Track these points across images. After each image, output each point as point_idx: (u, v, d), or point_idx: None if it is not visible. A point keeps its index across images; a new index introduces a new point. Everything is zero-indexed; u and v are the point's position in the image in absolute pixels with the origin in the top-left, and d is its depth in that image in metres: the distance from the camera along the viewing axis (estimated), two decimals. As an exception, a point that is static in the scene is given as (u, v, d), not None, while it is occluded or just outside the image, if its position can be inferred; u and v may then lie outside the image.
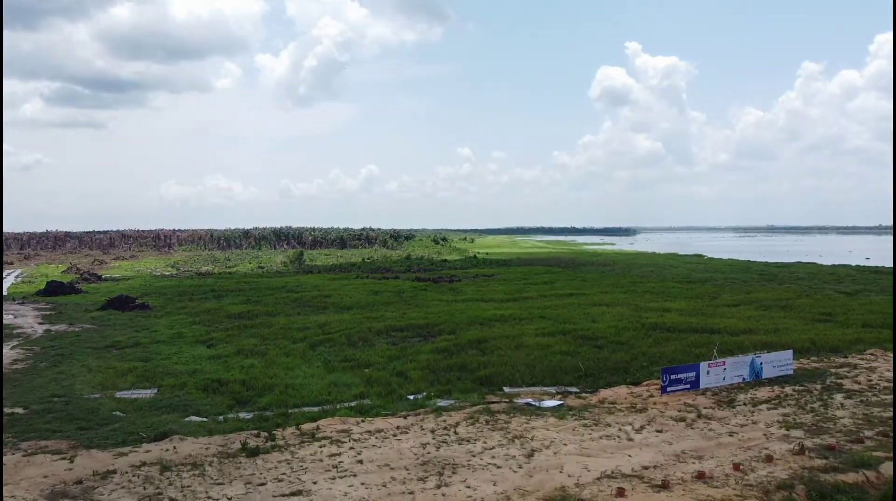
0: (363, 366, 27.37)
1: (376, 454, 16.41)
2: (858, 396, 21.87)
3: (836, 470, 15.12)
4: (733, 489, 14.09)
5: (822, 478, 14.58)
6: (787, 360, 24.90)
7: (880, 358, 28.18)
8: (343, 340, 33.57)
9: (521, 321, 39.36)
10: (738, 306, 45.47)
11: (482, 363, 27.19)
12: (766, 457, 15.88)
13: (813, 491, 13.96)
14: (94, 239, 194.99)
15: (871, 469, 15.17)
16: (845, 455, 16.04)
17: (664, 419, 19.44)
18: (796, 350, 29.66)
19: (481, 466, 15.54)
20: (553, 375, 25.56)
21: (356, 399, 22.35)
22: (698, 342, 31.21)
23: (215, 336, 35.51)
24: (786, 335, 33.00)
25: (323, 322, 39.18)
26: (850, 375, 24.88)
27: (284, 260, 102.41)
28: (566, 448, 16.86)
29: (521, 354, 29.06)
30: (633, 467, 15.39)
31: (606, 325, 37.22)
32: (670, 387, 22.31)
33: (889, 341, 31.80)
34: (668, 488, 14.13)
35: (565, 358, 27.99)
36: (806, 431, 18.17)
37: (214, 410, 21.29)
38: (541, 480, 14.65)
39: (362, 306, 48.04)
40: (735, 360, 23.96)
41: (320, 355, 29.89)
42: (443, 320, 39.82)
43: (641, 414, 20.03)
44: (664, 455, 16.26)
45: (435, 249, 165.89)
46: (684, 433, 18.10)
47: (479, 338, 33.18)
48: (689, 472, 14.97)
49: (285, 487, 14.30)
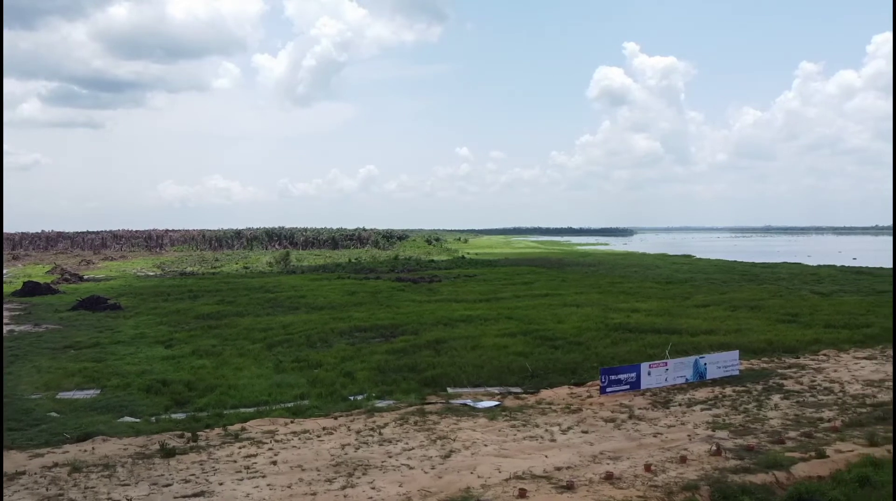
0: (313, 367, 27.33)
1: (293, 455, 16.38)
2: (796, 396, 21.86)
3: (747, 471, 15.10)
4: (638, 490, 14.07)
5: (730, 479, 14.56)
6: (733, 361, 24.88)
7: (832, 359, 28.18)
8: (302, 340, 33.53)
9: (486, 321, 39.31)
10: (708, 306, 45.45)
11: (433, 364, 27.14)
12: (680, 458, 15.86)
13: (717, 492, 13.94)
14: (87, 239, 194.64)
15: (782, 470, 15.18)
16: (762, 455, 16.02)
17: (594, 420, 19.42)
18: (752, 351, 29.79)
19: (394, 467, 15.51)
20: (501, 375, 25.53)
21: (295, 400, 22.32)
22: (656, 343, 31.14)
23: (177, 337, 35.47)
24: (745, 336, 33.00)
25: (288, 323, 39.13)
26: (796, 376, 24.87)
27: (270, 261, 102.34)
28: (486, 448, 16.83)
29: (475, 354, 29.02)
30: (545, 468, 15.36)
31: (570, 326, 37.21)
32: (610, 388, 22.28)
33: (845, 341, 31.83)
34: (573, 489, 14.10)
35: (518, 359, 27.93)
36: (732, 432, 18.15)
37: (151, 410, 21.24)
38: (449, 481, 14.62)
39: (334, 306, 47.99)
40: (678, 361, 23.94)
41: (275, 355, 29.84)
42: (410, 320, 39.80)
43: (574, 415, 20.01)
44: (582, 456, 16.23)
45: (426, 249, 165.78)
46: (609, 434, 18.07)
47: (439, 338, 33.15)
48: (600, 473, 14.94)
49: (190, 488, 14.26)
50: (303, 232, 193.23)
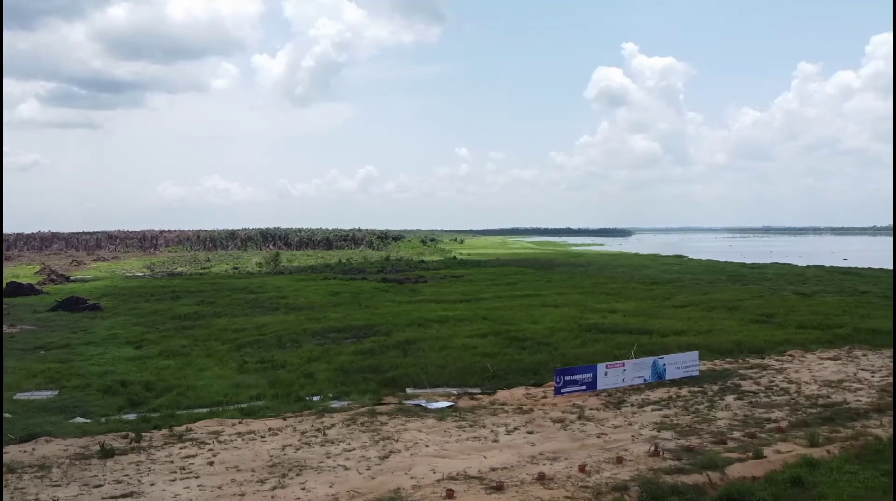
0: (277, 368, 27.33)
1: (233, 456, 16.38)
2: (751, 397, 21.85)
3: (682, 472, 15.11)
4: (567, 490, 14.08)
5: (662, 479, 14.56)
6: (693, 361, 24.88)
7: (796, 359, 28.19)
8: (273, 341, 33.55)
9: (461, 322, 39.32)
10: (686, 307, 45.47)
11: (396, 365, 27.13)
12: (617, 459, 15.87)
13: (646, 492, 13.94)
14: (81, 240, 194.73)
15: (716, 471, 15.18)
16: (700, 456, 16.03)
17: (543, 421, 19.42)
18: (719, 351, 29.83)
19: (330, 468, 15.51)
20: (462, 376, 25.49)
21: (251, 401, 22.30)
22: (625, 344, 31.07)
23: (148, 337, 35.49)
24: (714, 336, 33.02)
25: (262, 324, 39.15)
26: (755, 376, 24.88)
27: (260, 261, 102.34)
28: (427, 449, 16.83)
29: (441, 355, 29.01)
30: (481, 469, 15.36)
31: (544, 326, 37.25)
32: (565, 389, 22.28)
33: (814, 342, 31.85)
34: (502, 490, 14.10)
35: (483, 359, 27.86)
36: (677, 432, 18.15)
37: (104, 411, 21.22)
38: (381, 482, 14.63)
39: (313, 307, 47.99)
40: (636, 361, 23.95)
41: (241, 356, 29.83)
42: (385, 320, 39.82)
43: (523, 416, 20.00)
44: (521, 457, 16.23)
45: (419, 250, 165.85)
46: (554, 435, 18.07)
47: (409, 339, 33.16)
48: (533, 474, 14.95)
49: (120, 489, 14.26)
50: (297, 232, 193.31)
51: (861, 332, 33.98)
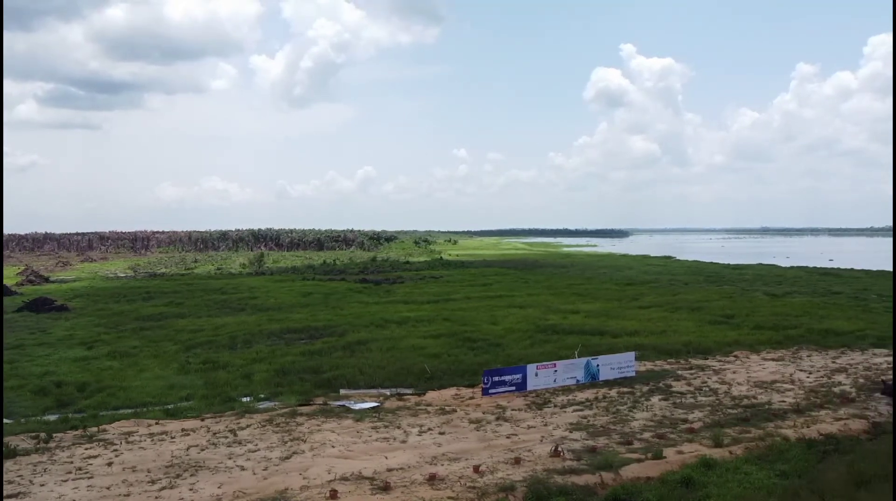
0: (218, 368, 27.34)
1: (135, 456, 16.40)
2: (678, 398, 21.86)
3: (575, 472, 15.13)
4: (453, 491, 14.09)
5: (553, 480, 14.58)
6: (629, 362, 24.88)
7: (740, 360, 28.21)
8: (225, 342, 33.56)
9: (421, 322, 39.34)
10: (651, 307, 45.48)
11: (338, 365, 27.15)
12: (514, 459, 15.89)
13: (532, 493, 13.96)
14: (73, 241, 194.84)
15: (610, 471, 15.21)
16: (600, 456, 16.05)
17: (460, 422, 19.43)
18: (666, 352, 29.85)
19: (227, 468, 15.53)
20: (400, 377, 25.48)
21: (180, 401, 22.35)
22: (575, 344, 30.94)
23: (104, 338, 35.49)
24: (666, 337, 33.04)
25: (221, 324, 39.17)
26: (691, 377, 24.89)
27: (244, 262, 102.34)
28: (332, 450, 16.85)
29: (387, 355, 29.03)
30: (377, 469, 15.37)
31: (502, 327, 37.30)
32: (493, 389, 22.30)
33: (765, 342, 31.87)
34: (389, 490, 14.13)
35: (428, 360, 27.87)
36: (588, 433, 18.16)
37: (29, 412, 21.24)
38: (272, 482, 14.64)
39: (280, 307, 48.00)
40: (568, 362, 23.96)
41: (188, 357, 29.83)
42: (346, 321, 39.85)
43: (443, 416, 20.02)
44: (422, 457, 16.24)
45: (409, 251, 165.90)
46: (465, 436, 18.08)
47: (362, 339, 33.19)
48: (427, 474, 14.95)
49: (11, 489, 14.26)
50: (289, 233, 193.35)
51: (814, 333, 34.00)
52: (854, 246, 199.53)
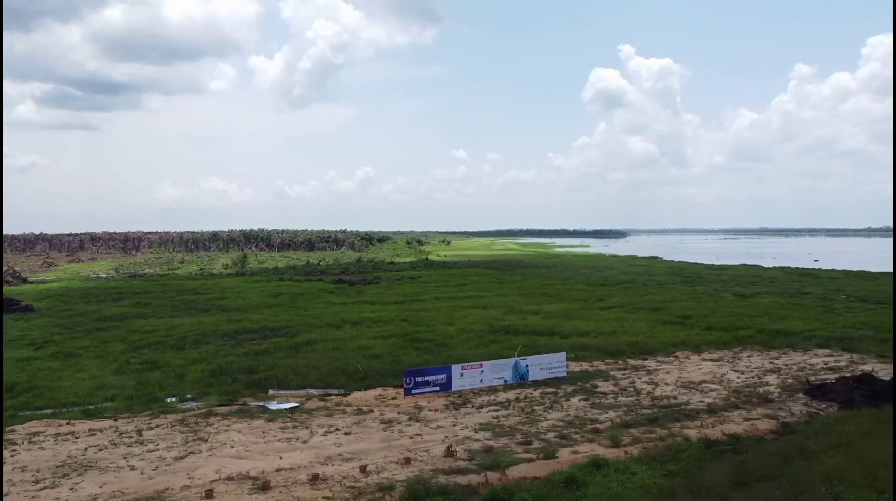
0: (155, 369, 27.36)
1: (30, 456, 16.44)
2: (600, 398, 21.89)
3: (463, 472, 15.18)
4: (332, 491, 14.13)
5: (436, 480, 14.62)
6: (560, 362, 24.91)
7: (679, 360, 28.23)
8: (174, 342, 33.57)
9: (378, 323, 39.38)
10: (613, 308, 45.51)
11: (276, 365, 27.14)
12: (405, 459, 15.93)
13: (410, 493, 13.99)
14: (65, 241, 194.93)
15: (497, 471, 15.26)
16: (492, 456, 16.08)
17: (371, 422, 19.46)
18: (609, 352, 29.90)
19: (116, 468, 15.57)
20: (332, 377, 25.46)
21: (104, 402, 22.36)
22: (523, 344, 31.15)
23: (56, 338, 35.52)
24: (615, 337, 33.07)
25: (177, 325, 39.20)
26: (622, 377, 24.91)
27: (227, 263, 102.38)
28: (230, 450, 16.88)
29: (332, 355, 29.04)
30: (266, 469, 15.40)
31: (457, 327, 37.34)
32: (416, 389, 22.34)
33: (712, 343, 31.90)
34: (267, 490, 14.16)
35: (368, 360, 27.98)
36: (494, 433, 18.19)
37: (-50, 412, 21.26)
38: (156, 482, 14.68)
39: (245, 308, 48.03)
40: (495, 362, 23.99)
41: (130, 358, 29.85)
42: (304, 321, 39.90)
43: (358, 416, 20.06)
44: (316, 458, 16.28)
45: (400, 251, 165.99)
46: (370, 436, 18.11)
47: (312, 340, 33.26)
48: (311, 474, 14.98)
49: None
50: (280, 234, 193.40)
51: (764, 334, 34.05)
52: (847, 247, 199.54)
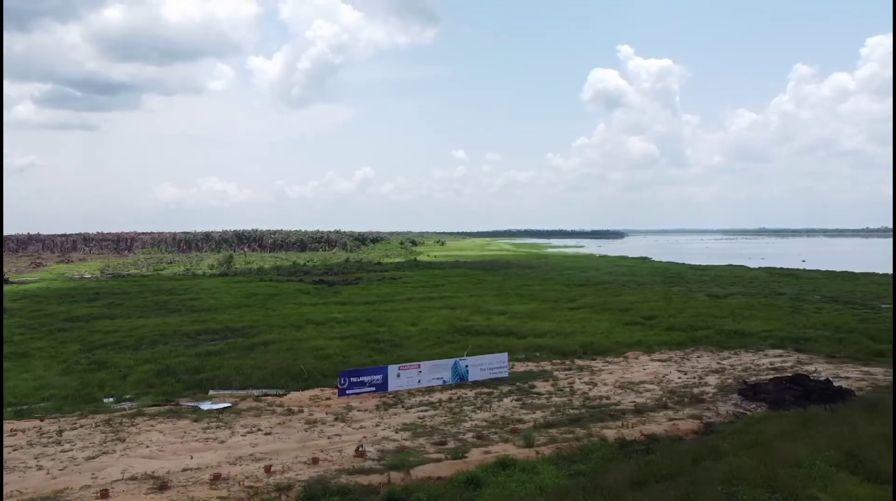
0: (103, 369, 27.40)
1: (-57, 456, 16.47)
2: (533, 398, 21.92)
3: (367, 472, 15.22)
4: (229, 491, 14.16)
5: (336, 480, 14.65)
6: (501, 363, 24.94)
7: (628, 361, 28.26)
8: (131, 342, 33.61)
9: (342, 323, 39.43)
10: (581, 308, 45.54)
11: (221, 365, 27.15)
12: (313, 459, 15.97)
13: (306, 493, 14.01)
14: (58, 242, 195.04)
15: (401, 471, 15.29)
16: (400, 456, 16.13)
17: (297, 422, 19.49)
18: (561, 352, 29.97)
19: (24, 468, 15.61)
20: (276, 378, 25.43)
21: (40, 402, 22.39)
22: (477, 345, 31.17)
23: (16, 339, 35.50)
24: (572, 338, 33.10)
25: (141, 325, 39.25)
26: (564, 377, 24.94)
27: (212, 263, 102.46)
28: (144, 450, 16.92)
29: (281, 356, 29.00)
30: (172, 469, 15.42)
31: (419, 328, 37.41)
32: (350, 390, 22.37)
33: (666, 343, 31.95)
34: (165, 490, 14.20)
35: (319, 361, 27.98)
36: (414, 433, 18.24)
37: None
38: (59, 482, 14.72)
39: (216, 308, 48.05)
40: (434, 363, 24.02)
41: (81, 358, 29.88)
42: (269, 322, 39.98)
43: (286, 417, 20.09)
44: (228, 458, 16.32)
45: (390, 252, 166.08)
46: (290, 436, 18.14)
47: (270, 340, 33.31)
48: (215, 474, 15.02)
49: None
50: (272, 235, 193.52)
51: (722, 334, 34.11)
52: (840, 247, 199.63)
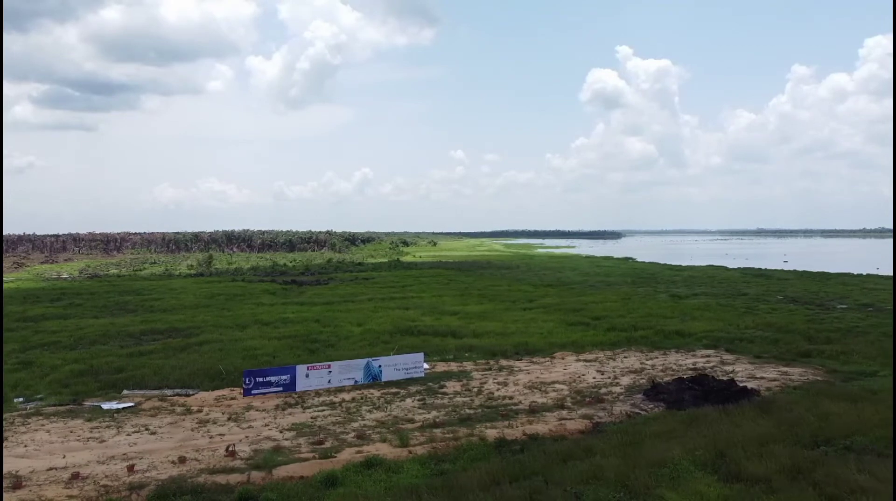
0: (26, 369, 27.46)
1: None
2: (438, 398, 21.96)
3: (227, 471, 15.29)
4: (82, 491, 14.21)
5: (193, 479, 14.70)
6: (417, 363, 24.98)
7: (555, 360, 28.30)
8: (70, 343, 33.69)
9: (290, 323, 39.51)
10: (536, 309, 45.59)
11: (144, 365, 27.23)
12: (179, 458, 16.03)
13: (157, 492, 14.06)
14: (47, 242, 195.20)
15: (263, 470, 15.36)
16: (265, 455, 16.20)
17: (189, 422, 19.54)
18: (491, 352, 29.99)
19: None
20: (195, 378, 25.49)
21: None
22: (413, 344, 31.27)
23: (-42, 339, 35.63)
24: (509, 338, 33.18)
25: (87, 325, 39.31)
26: (481, 377, 24.99)
27: (191, 264, 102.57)
28: (21, 449, 16.98)
29: (212, 356, 29.07)
30: (36, 468, 15.50)
31: (364, 328, 37.49)
32: (256, 390, 22.42)
33: (601, 344, 31.98)
34: (18, 488, 14.26)
35: (246, 361, 28.02)
36: (299, 433, 18.32)
37: None
38: (-83, 481, 14.77)
39: (173, 309, 48.09)
40: (345, 363, 24.07)
41: (15, 358, 29.94)
42: (218, 322, 40.04)
43: (181, 416, 20.16)
44: (100, 456, 16.38)
45: (380, 252, 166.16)
46: (172, 436, 18.19)
47: (207, 340, 33.43)
48: (74, 473, 15.07)
49: None
50: (260, 235, 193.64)
51: (660, 334, 34.18)
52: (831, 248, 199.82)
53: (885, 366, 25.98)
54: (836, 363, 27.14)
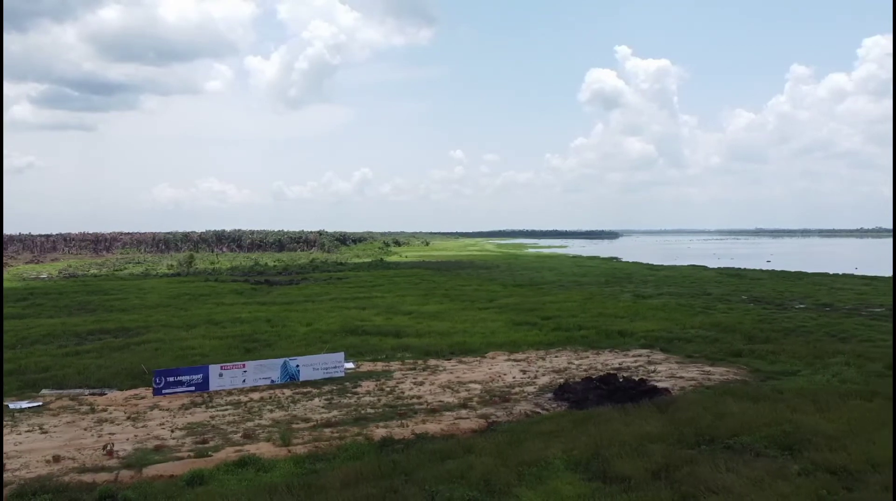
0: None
1: None
2: (348, 398, 21.99)
3: (97, 470, 15.34)
4: (-58, 489, 14.27)
5: (59, 478, 14.75)
6: (337, 362, 25.01)
7: (484, 360, 28.31)
8: (12, 342, 33.76)
9: (241, 323, 39.62)
10: (491, 309, 45.63)
11: (70, 365, 27.38)
12: (55, 457, 16.09)
13: (18, 490, 14.10)
14: (37, 242, 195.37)
15: (134, 469, 15.42)
16: (147, 454, 16.24)
17: (88, 422, 19.58)
18: (425, 352, 30.02)
19: None
20: (117, 377, 25.56)
21: None
22: (351, 344, 31.38)
23: None
24: (449, 338, 33.31)
25: (38, 325, 39.44)
26: (400, 377, 25.03)
27: (172, 264, 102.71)
28: None
29: (138, 356, 29.22)
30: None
31: (311, 328, 37.62)
32: (166, 389, 22.47)
33: (539, 344, 32.05)
34: None
35: (175, 361, 28.08)
36: (192, 432, 18.36)
37: None
38: None
39: (132, 308, 48.19)
40: (260, 362, 24.12)
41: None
42: (169, 321, 40.17)
43: (80, 415, 20.23)
44: (-20, 456, 16.41)
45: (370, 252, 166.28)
46: (62, 435, 18.22)
47: (151, 340, 33.64)
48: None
49: None
50: (250, 235, 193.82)
51: (602, 333, 34.26)
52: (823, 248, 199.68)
53: (809, 365, 26.08)
54: (763, 362, 27.17)
